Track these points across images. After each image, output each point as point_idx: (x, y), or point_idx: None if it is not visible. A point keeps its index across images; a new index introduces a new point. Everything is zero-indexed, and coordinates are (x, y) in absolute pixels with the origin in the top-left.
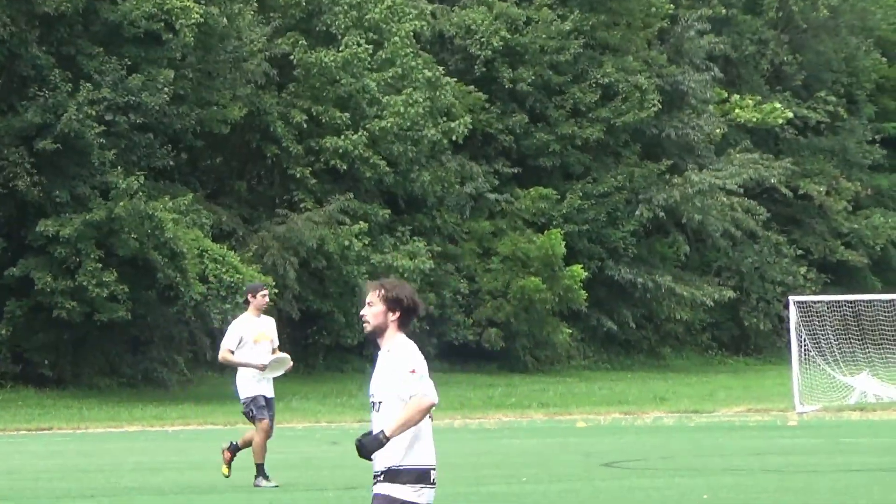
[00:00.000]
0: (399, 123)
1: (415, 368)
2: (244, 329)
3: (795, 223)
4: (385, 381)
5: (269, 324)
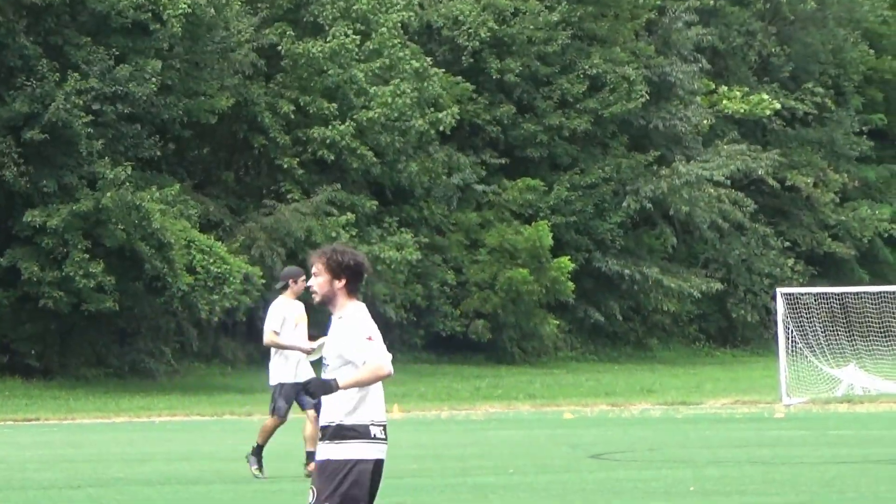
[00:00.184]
0: (386, 114)
1: (371, 335)
2: (286, 311)
3: (783, 215)
4: (337, 347)
5: (302, 308)
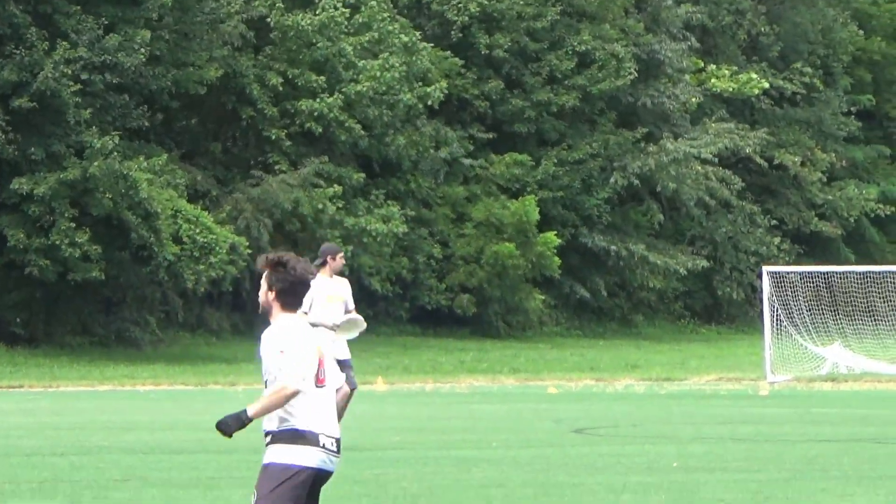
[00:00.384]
0: (375, 87)
1: (283, 349)
2: (316, 289)
3: (770, 193)
4: (264, 361)
5: (343, 285)
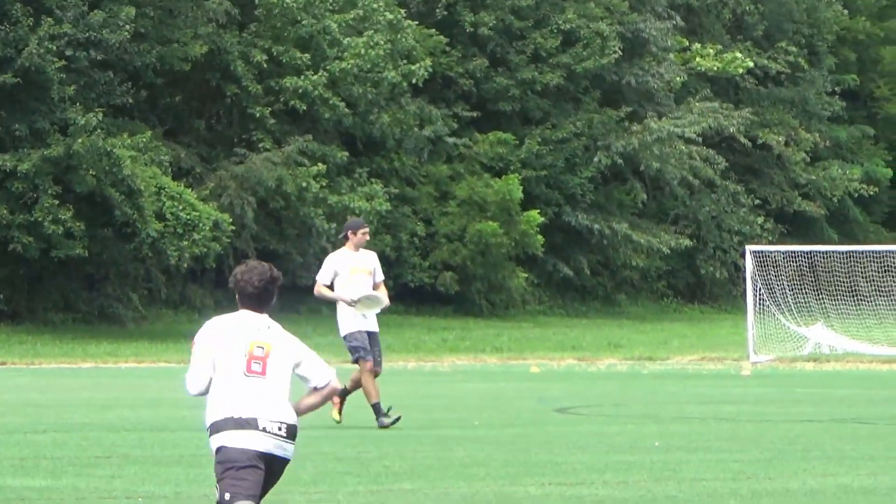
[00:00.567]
0: (359, 65)
1: (196, 341)
2: (339, 262)
3: (753, 173)
4: None
5: (369, 257)
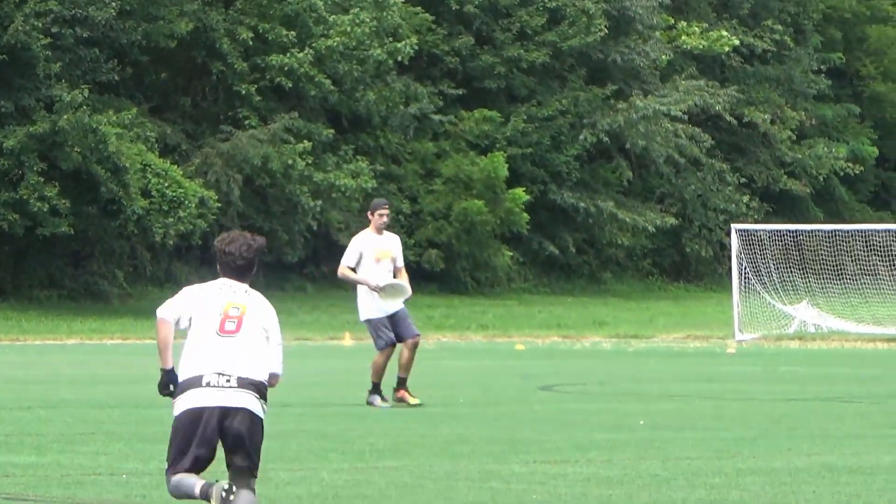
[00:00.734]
0: (345, 42)
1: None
2: (364, 245)
3: (739, 151)
4: None
5: (393, 241)
